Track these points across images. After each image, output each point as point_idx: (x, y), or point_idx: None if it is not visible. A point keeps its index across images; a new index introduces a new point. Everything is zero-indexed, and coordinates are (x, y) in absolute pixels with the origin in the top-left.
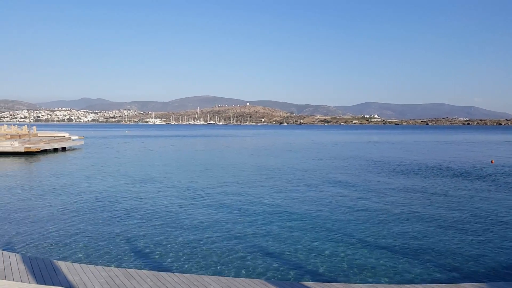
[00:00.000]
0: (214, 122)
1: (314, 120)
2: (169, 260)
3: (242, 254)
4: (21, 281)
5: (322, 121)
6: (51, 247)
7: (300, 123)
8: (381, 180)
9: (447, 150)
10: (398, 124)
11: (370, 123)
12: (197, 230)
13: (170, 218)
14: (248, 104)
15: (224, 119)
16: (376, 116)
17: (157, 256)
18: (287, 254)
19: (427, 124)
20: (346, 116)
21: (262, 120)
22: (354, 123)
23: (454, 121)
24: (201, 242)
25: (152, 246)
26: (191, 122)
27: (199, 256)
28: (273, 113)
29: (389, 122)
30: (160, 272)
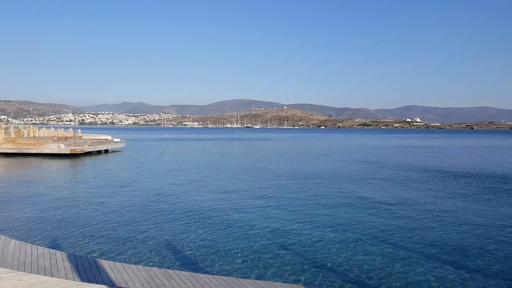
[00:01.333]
0: (251, 126)
1: (353, 123)
2: (207, 262)
3: (281, 259)
4: (67, 278)
5: (362, 124)
6: (94, 245)
7: (339, 127)
8: (427, 187)
9: (500, 155)
10: (442, 128)
11: (412, 127)
12: (236, 234)
13: (208, 220)
14: (285, 107)
15: (261, 123)
16: (418, 119)
17: (195, 258)
18: (330, 262)
19: (472, 128)
20: (386, 120)
21: (300, 123)
22: (395, 127)
23: (501, 125)
24: (241, 246)
25: (191, 247)
26: (228, 126)
27: (238, 259)
28: (311, 117)
29: (432, 126)
30: (198, 274)
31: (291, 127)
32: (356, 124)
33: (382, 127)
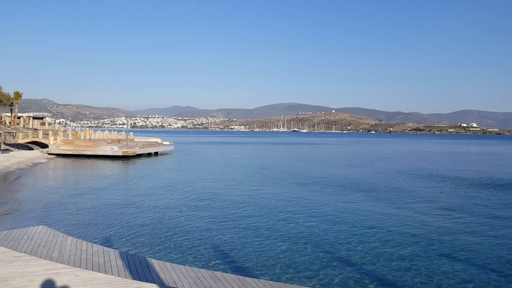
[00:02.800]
0: (297, 130)
1: (405, 128)
2: (255, 265)
3: (330, 265)
4: (119, 275)
5: (414, 129)
6: (144, 244)
7: (390, 131)
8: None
9: None
10: (500, 133)
11: (467, 132)
12: (285, 240)
13: (256, 224)
14: (333, 111)
15: (308, 127)
16: (474, 124)
17: (243, 261)
18: (382, 272)
19: None
20: (440, 125)
21: (348, 127)
22: (450, 132)
23: None
24: (288, 250)
25: (239, 250)
26: (275, 129)
27: (286, 264)
28: (360, 121)
29: (490, 132)
30: (245, 277)
31: (340, 131)
32: (408, 129)
33: (436, 132)
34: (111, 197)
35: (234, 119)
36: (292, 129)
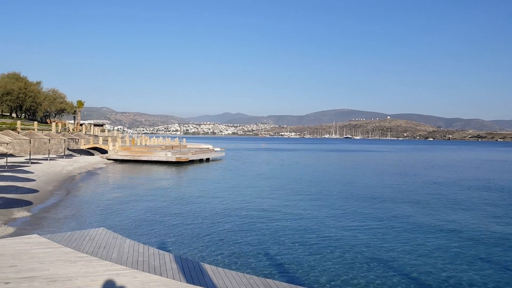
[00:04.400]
0: (350, 136)
1: (465, 135)
2: (308, 275)
3: (385, 276)
4: (174, 278)
5: (475, 136)
6: (197, 249)
7: (449, 139)
8: None
9: None
10: None
11: None
12: (337, 250)
13: (310, 234)
14: (388, 117)
15: (362, 133)
16: None
17: (296, 270)
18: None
19: None
20: (504, 132)
21: (404, 134)
22: None
23: None
24: (341, 260)
25: (292, 259)
26: (326, 136)
27: (340, 274)
28: (417, 127)
29: None
30: (298, 286)
31: (395, 138)
32: (469, 136)
33: (499, 140)
34: (165, 201)
35: (285, 126)
36: (344, 136)
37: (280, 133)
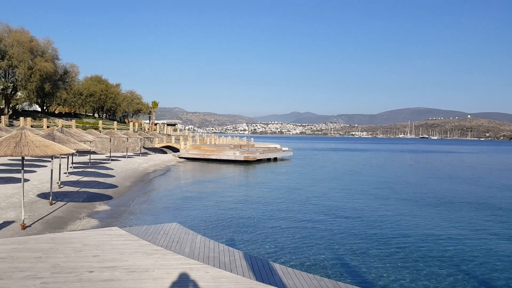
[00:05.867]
0: (427, 136)
1: None
2: (379, 280)
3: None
4: (244, 276)
5: None
6: (266, 247)
7: None
8: None
9: None
10: None
11: None
12: (414, 254)
13: (385, 238)
14: (469, 116)
15: (439, 133)
16: None
17: (368, 274)
18: None
19: None
20: None
21: (486, 135)
22: None
23: None
24: (425, 272)
25: (364, 262)
26: (401, 136)
27: (414, 281)
28: (501, 127)
29: None
30: None
31: (476, 138)
32: None
33: None
34: (233, 199)
35: (356, 125)
36: (420, 136)
37: (351, 133)
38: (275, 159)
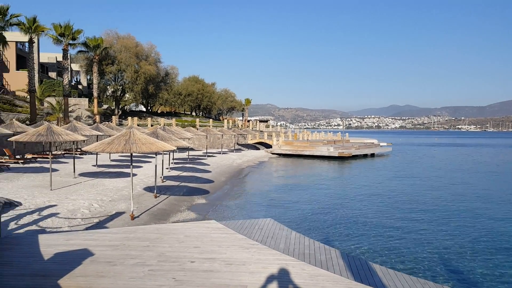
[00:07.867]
0: None
1: None
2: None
3: None
4: (341, 275)
5: None
6: (363, 247)
7: None
8: None
9: None
10: None
11: None
12: None
13: (493, 242)
14: None
15: None
16: None
17: (478, 281)
18: None
19: None
20: None
21: None
22: None
23: None
24: None
25: (473, 267)
26: None
27: None
28: None
29: None
30: None
31: None
32: None
33: None
34: (327, 196)
35: (462, 118)
36: None
37: (457, 126)
38: (372, 155)
